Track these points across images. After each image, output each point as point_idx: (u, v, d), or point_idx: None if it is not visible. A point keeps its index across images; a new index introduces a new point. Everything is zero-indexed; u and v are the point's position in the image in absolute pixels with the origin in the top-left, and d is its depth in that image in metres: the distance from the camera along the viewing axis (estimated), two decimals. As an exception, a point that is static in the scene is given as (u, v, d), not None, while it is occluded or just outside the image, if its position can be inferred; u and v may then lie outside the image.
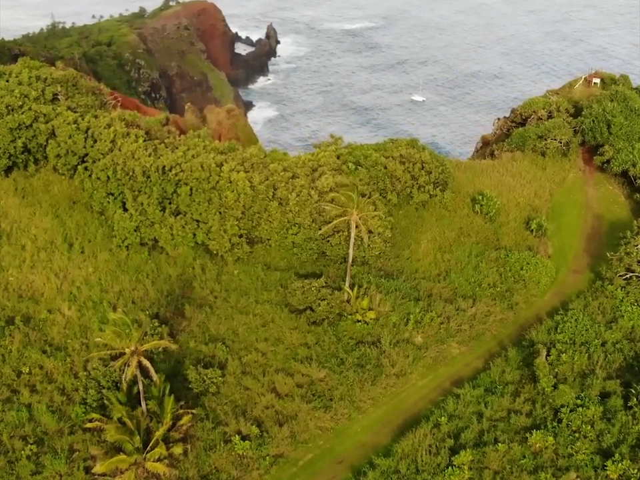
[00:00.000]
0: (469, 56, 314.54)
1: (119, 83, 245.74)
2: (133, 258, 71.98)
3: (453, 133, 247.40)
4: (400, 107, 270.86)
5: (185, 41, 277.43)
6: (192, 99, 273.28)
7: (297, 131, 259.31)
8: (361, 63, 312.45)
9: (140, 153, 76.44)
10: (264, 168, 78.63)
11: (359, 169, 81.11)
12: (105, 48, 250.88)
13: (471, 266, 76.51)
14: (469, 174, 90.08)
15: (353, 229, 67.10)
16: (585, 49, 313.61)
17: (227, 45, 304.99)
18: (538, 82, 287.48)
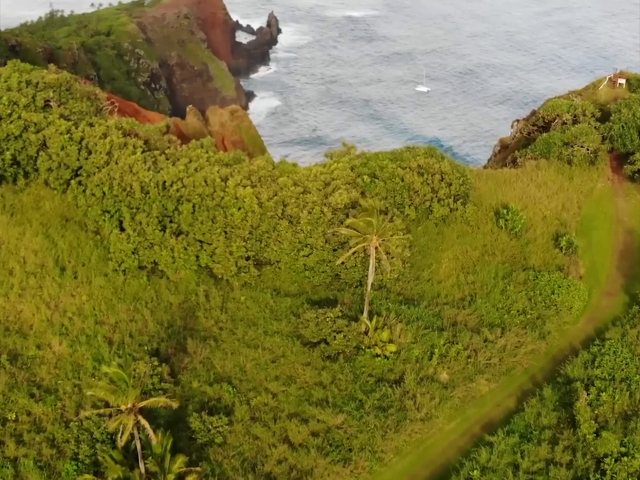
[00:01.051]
0: (474, 47, 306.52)
1: (118, 74, 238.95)
2: (131, 283, 65.30)
3: (458, 127, 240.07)
4: (403, 99, 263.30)
5: (185, 30, 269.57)
6: (192, 89, 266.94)
7: (299, 125, 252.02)
8: (364, 53, 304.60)
9: (138, 166, 69.65)
10: (272, 182, 71.94)
11: (374, 181, 74.31)
12: (103, 38, 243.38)
13: (498, 289, 69.94)
14: (490, 184, 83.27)
15: (373, 256, 60.33)
16: (591, 42, 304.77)
17: (228, 34, 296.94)
18: (543, 73, 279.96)
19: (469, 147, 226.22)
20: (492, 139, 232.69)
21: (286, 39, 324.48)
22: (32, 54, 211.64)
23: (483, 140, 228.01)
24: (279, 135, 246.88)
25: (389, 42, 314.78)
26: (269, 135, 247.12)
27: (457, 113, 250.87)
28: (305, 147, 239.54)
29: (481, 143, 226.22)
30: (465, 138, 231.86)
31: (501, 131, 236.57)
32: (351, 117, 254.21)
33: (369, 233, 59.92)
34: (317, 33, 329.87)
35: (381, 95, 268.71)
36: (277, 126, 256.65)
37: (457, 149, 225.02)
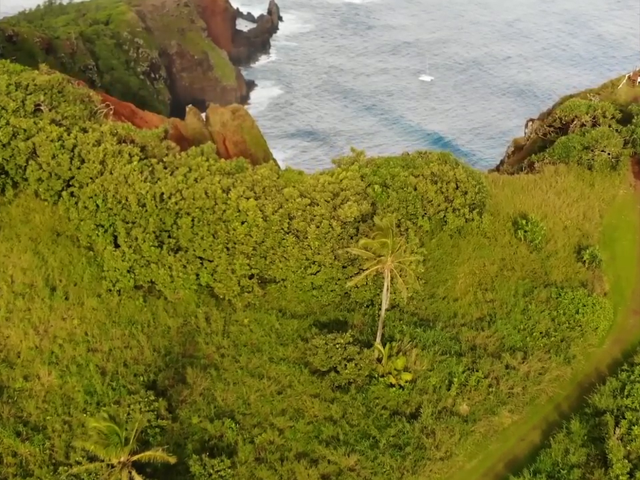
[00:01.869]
0: (476, 36, 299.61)
1: (117, 63, 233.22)
2: (126, 305, 60.32)
3: (461, 120, 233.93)
4: (406, 91, 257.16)
5: (185, 18, 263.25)
6: (192, 78, 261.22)
7: (301, 117, 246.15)
8: (365, 41, 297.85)
9: (134, 177, 64.54)
10: (277, 193, 66.76)
11: (385, 191, 69.20)
12: (102, 27, 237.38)
13: (519, 309, 65.02)
14: (507, 191, 78.16)
15: (387, 279, 55.24)
16: (595, 31, 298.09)
17: (228, 22, 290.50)
18: (547, 63, 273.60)
19: (473, 141, 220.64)
20: (495, 132, 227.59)
21: (287, 27, 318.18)
22: (29, 44, 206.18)
23: (485, 133, 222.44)
24: (280, 126, 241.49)
25: (390, 30, 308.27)
26: (271, 127, 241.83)
27: (459, 106, 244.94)
28: (307, 139, 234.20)
29: (483, 137, 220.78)
30: (468, 132, 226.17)
31: (504, 124, 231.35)
32: (353, 108, 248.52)
33: (383, 254, 54.76)
34: (318, 21, 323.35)
35: (384, 85, 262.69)
36: (278, 116, 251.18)
37: (458, 141, 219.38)
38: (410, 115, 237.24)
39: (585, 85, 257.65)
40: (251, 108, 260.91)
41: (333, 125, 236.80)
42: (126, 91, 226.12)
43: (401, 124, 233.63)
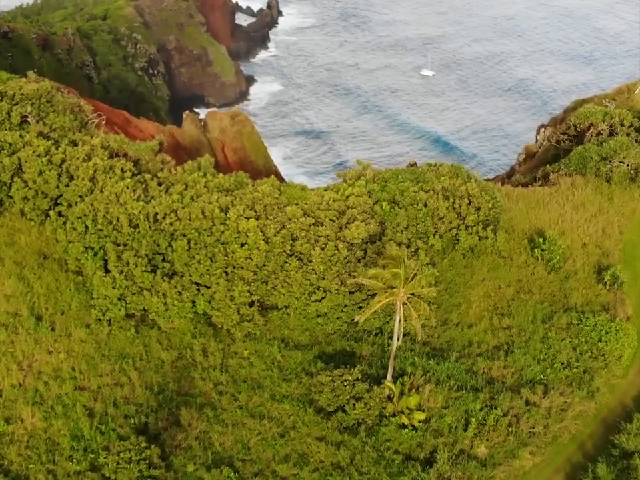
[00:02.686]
0: (480, 33, 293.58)
1: (115, 59, 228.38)
2: (116, 337, 55.54)
3: (463, 119, 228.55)
4: (407, 88, 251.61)
5: (183, 12, 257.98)
6: (191, 73, 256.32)
7: (301, 115, 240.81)
8: (367, 37, 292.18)
9: (126, 195, 59.63)
10: (279, 211, 61.81)
11: (394, 209, 64.32)
12: (99, 22, 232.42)
13: (538, 336, 60.22)
14: (522, 206, 73.32)
15: (399, 313, 50.34)
16: (593, 28, 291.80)
17: (228, 16, 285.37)
18: (545, 62, 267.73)
19: (474, 141, 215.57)
20: (497, 131, 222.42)
21: (287, 21, 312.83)
22: (25, 40, 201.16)
23: (487, 133, 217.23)
24: (281, 124, 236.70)
25: (391, 25, 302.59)
26: (271, 124, 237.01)
27: (460, 103, 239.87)
28: (307, 137, 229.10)
29: (485, 137, 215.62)
30: (469, 131, 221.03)
31: (505, 123, 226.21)
32: (353, 106, 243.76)
33: (395, 285, 49.84)
34: (318, 15, 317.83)
35: (384, 82, 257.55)
36: (278, 113, 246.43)
37: (460, 141, 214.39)
38: (411, 113, 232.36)
39: (588, 81, 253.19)
40: (250, 104, 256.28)
41: (333, 123, 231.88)
42: (124, 87, 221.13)
43: (402, 123, 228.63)
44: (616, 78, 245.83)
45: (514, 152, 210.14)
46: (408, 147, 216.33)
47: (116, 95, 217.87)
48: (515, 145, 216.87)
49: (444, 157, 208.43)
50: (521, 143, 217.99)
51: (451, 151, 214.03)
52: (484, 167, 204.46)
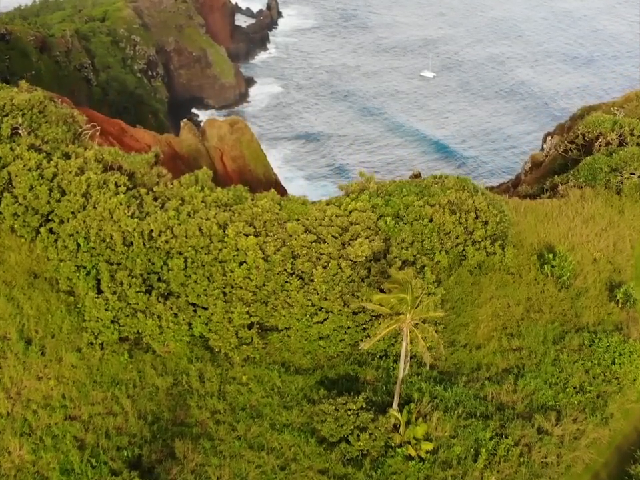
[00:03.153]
0: (481, 36, 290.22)
1: (113, 61, 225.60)
2: (109, 361, 52.69)
3: (463, 123, 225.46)
4: (408, 92, 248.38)
5: (182, 14, 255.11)
6: (190, 75, 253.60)
7: (300, 117, 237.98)
8: (367, 39, 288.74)
9: (120, 212, 56.78)
10: (279, 227, 58.98)
11: (399, 224, 61.50)
12: (98, 24, 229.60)
13: (549, 359, 57.47)
14: (530, 219, 70.51)
15: (406, 339, 47.51)
16: (590, 31, 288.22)
17: (227, 18, 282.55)
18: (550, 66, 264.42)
19: (475, 146, 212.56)
20: (498, 136, 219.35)
21: (287, 23, 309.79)
22: (23, 43, 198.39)
23: (488, 138, 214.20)
24: (280, 126, 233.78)
25: (391, 27, 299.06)
26: (271, 127, 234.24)
27: (461, 106, 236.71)
28: (306, 140, 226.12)
29: (486, 141, 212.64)
30: (470, 136, 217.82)
31: (507, 127, 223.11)
32: (353, 109, 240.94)
33: (401, 311, 47.00)
34: (318, 17, 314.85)
35: (384, 85, 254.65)
36: (278, 115, 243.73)
37: (460, 146, 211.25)
38: (411, 116, 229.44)
39: (589, 82, 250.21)
40: (250, 106, 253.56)
41: (333, 126, 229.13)
42: (122, 89, 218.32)
43: (402, 126, 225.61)
44: (617, 79, 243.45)
45: (514, 154, 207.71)
46: (408, 150, 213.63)
47: (114, 97, 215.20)
48: (515, 147, 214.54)
49: (444, 160, 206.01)
50: (520, 144, 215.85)
51: (451, 155, 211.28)
52: (484, 171, 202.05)
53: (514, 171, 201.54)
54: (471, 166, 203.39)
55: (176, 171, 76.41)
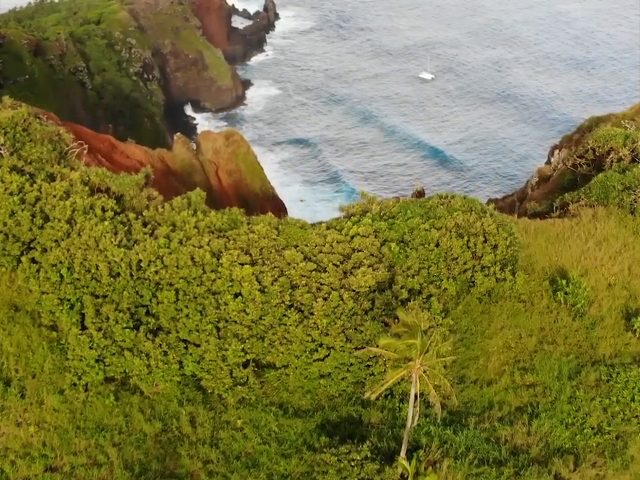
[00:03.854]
0: (479, 40, 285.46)
1: (109, 64, 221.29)
2: (94, 405, 48.41)
3: (461, 130, 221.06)
4: (405, 97, 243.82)
5: (179, 16, 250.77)
6: (187, 78, 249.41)
7: (295, 124, 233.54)
8: (365, 43, 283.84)
9: (106, 240, 52.42)
10: (277, 255, 54.65)
11: (404, 250, 57.24)
12: (93, 26, 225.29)
13: (565, 396, 53.25)
14: (541, 241, 66.23)
15: (415, 386, 43.22)
16: (596, 38, 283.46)
17: (224, 19, 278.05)
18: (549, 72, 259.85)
19: (472, 153, 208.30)
20: (495, 144, 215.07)
21: (284, 24, 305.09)
22: (17, 46, 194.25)
23: (485, 146, 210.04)
24: (277, 131, 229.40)
25: (389, 32, 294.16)
26: (268, 130, 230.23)
27: (457, 112, 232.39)
28: (303, 146, 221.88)
29: (483, 149, 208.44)
30: (467, 143, 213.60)
31: (505, 135, 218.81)
32: (351, 114, 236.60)
33: (410, 357, 42.71)
34: (316, 19, 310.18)
35: (382, 90, 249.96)
36: (275, 120, 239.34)
37: (457, 154, 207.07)
38: (409, 122, 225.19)
39: (590, 87, 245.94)
40: (247, 108, 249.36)
41: (330, 131, 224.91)
42: (118, 92, 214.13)
43: (400, 131, 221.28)
44: (617, 83, 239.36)
45: (513, 160, 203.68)
46: (406, 155, 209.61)
47: (110, 100, 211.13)
48: (513, 152, 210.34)
49: (443, 166, 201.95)
50: (518, 148, 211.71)
51: (450, 160, 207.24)
52: (483, 176, 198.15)
53: (513, 176, 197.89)
54: (469, 172, 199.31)
55: (169, 187, 72.15)
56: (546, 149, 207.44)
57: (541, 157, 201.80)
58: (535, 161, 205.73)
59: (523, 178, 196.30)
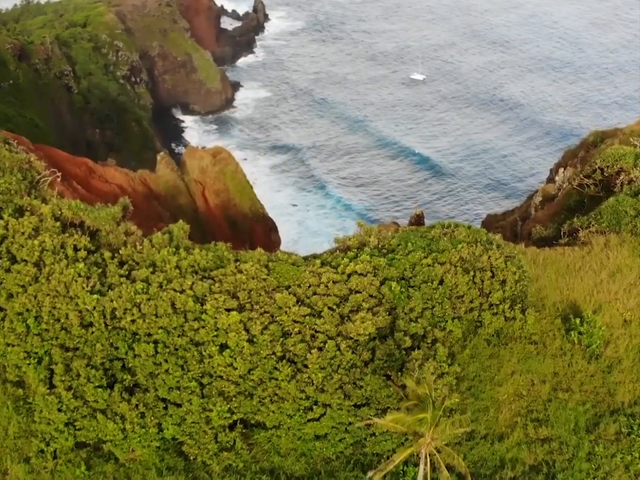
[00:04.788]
0: (473, 45, 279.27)
1: (95, 68, 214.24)
2: (63, 475, 43.02)
3: (453, 139, 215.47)
4: (396, 103, 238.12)
5: (167, 18, 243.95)
6: (175, 81, 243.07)
7: (283, 127, 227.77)
8: (356, 45, 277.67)
9: (77, 286, 46.69)
10: (267, 298, 48.94)
11: (406, 289, 51.60)
12: (79, 29, 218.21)
13: (583, 452, 47.93)
14: (550, 272, 60.70)
15: (425, 464, 37.63)
16: (595, 44, 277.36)
17: (213, 21, 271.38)
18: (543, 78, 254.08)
19: (464, 164, 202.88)
20: (491, 156, 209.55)
21: (274, 25, 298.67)
22: (0, 51, 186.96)
23: (479, 156, 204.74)
24: (267, 134, 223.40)
25: (382, 34, 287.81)
26: (258, 133, 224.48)
27: (447, 118, 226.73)
28: (293, 149, 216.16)
29: (477, 160, 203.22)
30: (460, 153, 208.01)
31: (500, 146, 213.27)
32: (340, 119, 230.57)
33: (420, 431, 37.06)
34: (306, 20, 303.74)
35: (373, 95, 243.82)
36: (265, 122, 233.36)
37: (449, 164, 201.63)
38: (399, 129, 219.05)
39: (582, 92, 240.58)
40: (236, 111, 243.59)
41: (320, 138, 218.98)
42: (104, 97, 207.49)
43: (390, 139, 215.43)
44: (607, 89, 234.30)
45: (506, 166, 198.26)
46: (397, 164, 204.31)
47: (96, 105, 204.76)
48: (506, 156, 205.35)
49: (434, 175, 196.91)
50: (510, 154, 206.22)
51: (441, 169, 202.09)
52: (476, 185, 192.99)
53: (505, 184, 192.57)
54: (460, 179, 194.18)
55: (151, 213, 66.33)
56: (538, 155, 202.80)
57: (533, 163, 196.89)
58: (524, 164, 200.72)
59: (513, 184, 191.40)
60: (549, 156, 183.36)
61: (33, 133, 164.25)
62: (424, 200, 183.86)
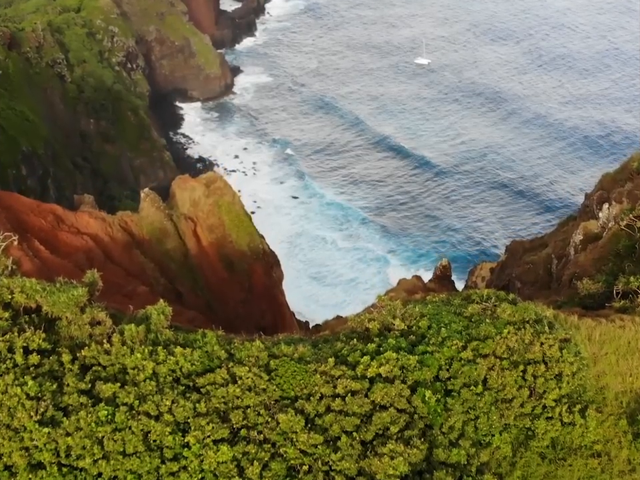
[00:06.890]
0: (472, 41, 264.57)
1: (89, 55, 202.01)
2: None
3: (456, 141, 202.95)
4: (398, 97, 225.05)
5: (164, 1, 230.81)
6: (173, 66, 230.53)
7: (281, 116, 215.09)
8: (361, 32, 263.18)
9: (24, 415, 34.82)
10: (268, 418, 37.08)
11: (443, 400, 39.60)
12: (73, 15, 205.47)
13: None
14: (609, 351, 48.86)
15: None
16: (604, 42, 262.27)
17: (211, 3, 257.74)
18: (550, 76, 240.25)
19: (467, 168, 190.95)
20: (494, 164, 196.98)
21: (276, 6, 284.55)
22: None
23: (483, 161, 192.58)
24: (269, 121, 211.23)
25: (383, 24, 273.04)
26: (258, 123, 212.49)
27: (452, 114, 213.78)
28: (295, 140, 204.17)
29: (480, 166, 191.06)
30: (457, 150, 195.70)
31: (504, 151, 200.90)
32: (337, 117, 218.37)
33: None
34: (309, 2, 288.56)
35: (376, 89, 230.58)
36: (266, 107, 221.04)
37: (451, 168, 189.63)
38: (400, 128, 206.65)
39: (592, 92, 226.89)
40: (236, 97, 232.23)
41: (319, 135, 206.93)
42: (99, 85, 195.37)
43: (394, 140, 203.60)
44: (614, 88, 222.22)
45: (510, 169, 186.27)
46: (402, 165, 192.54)
47: (91, 94, 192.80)
48: (513, 160, 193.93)
49: (436, 176, 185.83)
50: (512, 154, 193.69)
51: (443, 171, 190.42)
52: (478, 185, 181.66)
53: (507, 185, 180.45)
54: (461, 181, 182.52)
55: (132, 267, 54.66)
56: (541, 154, 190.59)
57: (535, 164, 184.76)
58: (527, 165, 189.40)
59: (516, 183, 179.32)
60: (552, 155, 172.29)
61: (24, 127, 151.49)
62: (424, 200, 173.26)
